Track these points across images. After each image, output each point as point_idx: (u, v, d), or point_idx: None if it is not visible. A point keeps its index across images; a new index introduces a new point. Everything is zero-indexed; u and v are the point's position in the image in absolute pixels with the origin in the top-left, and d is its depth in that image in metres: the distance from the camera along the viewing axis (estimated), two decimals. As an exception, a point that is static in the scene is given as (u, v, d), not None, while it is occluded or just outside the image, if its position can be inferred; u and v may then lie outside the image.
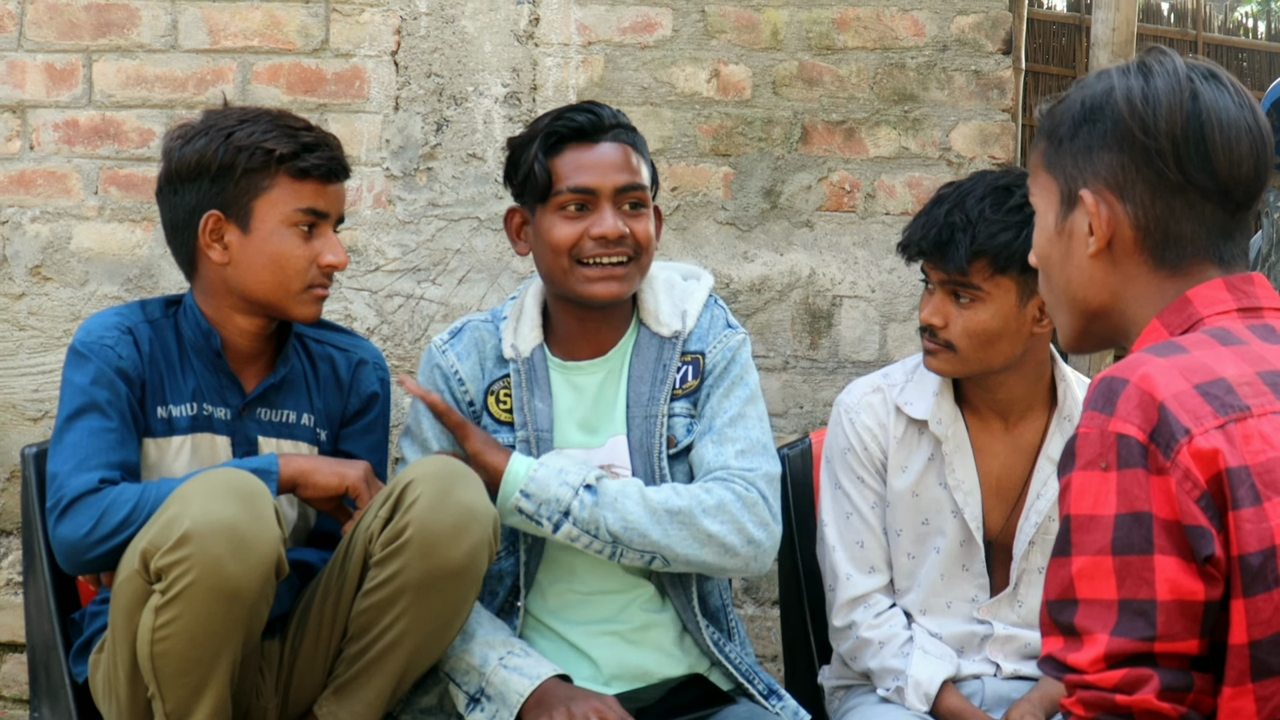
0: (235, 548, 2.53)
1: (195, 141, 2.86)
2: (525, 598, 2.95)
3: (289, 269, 2.86)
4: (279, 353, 2.98)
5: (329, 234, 2.91)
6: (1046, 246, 2.02)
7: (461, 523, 2.69)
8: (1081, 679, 1.77)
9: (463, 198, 4.16)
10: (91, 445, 2.77)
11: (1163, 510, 1.73)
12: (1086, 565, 1.77)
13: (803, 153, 4.16)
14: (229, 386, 2.92)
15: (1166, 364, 1.79)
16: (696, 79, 4.16)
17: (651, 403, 2.95)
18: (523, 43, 4.17)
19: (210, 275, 2.90)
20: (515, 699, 2.78)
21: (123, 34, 4.18)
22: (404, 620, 2.72)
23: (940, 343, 2.96)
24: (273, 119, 2.89)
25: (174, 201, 2.89)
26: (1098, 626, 1.76)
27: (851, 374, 4.03)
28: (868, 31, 4.16)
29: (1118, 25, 4.47)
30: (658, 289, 3.04)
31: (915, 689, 2.96)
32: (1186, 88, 1.89)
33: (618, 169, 2.94)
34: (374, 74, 4.17)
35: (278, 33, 4.18)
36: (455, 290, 4.16)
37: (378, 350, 3.15)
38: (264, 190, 2.84)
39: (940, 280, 2.96)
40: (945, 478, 3.03)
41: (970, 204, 2.93)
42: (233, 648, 2.61)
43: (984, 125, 4.16)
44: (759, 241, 4.16)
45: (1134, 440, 1.75)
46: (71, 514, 2.72)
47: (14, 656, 4.19)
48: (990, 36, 4.16)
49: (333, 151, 2.90)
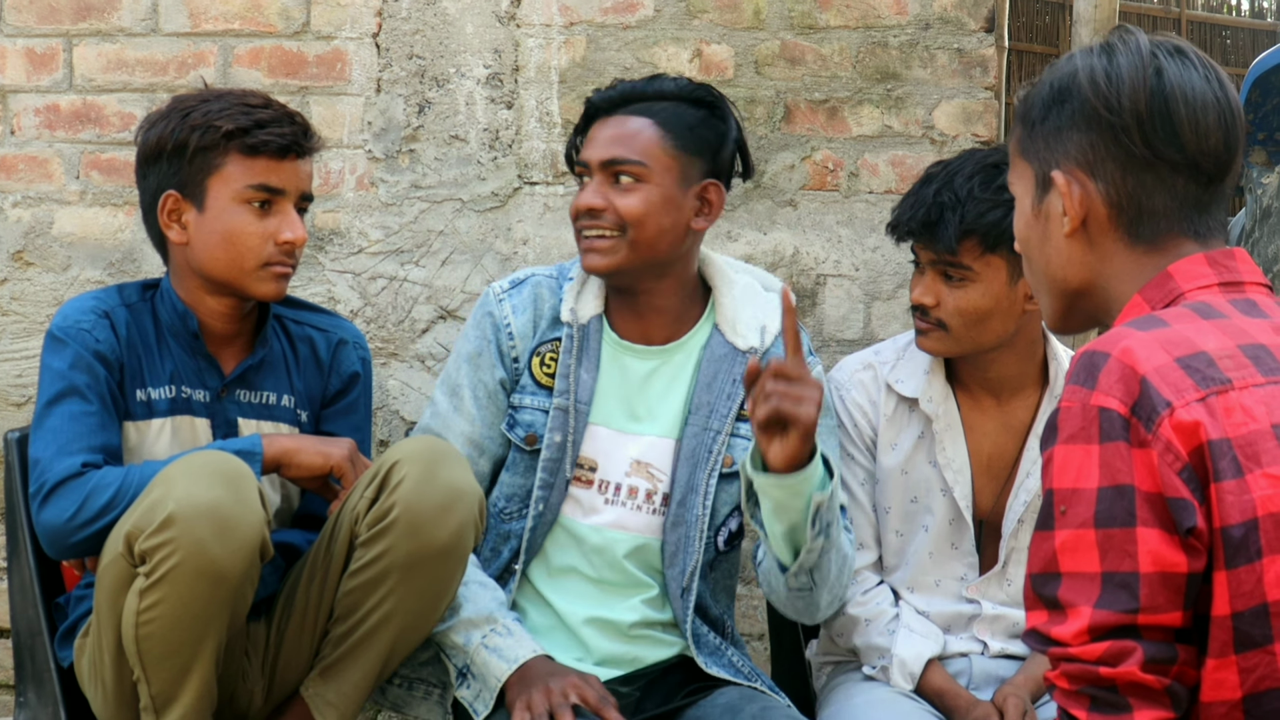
0: (219, 530, 2.53)
1: (158, 125, 2.88)
2: (525, 563, 2.94)
3: (242, 246, 2.85)
4: (257, 334, 2.98)
5: (287, 210, 2.89)
6: (1026, 230, 2.03)
7: (448, 502, 2.69)
8: (1065, 651, 1.78)
9: (445, 179, 4.15)
10: (72, 429, 2.77)
11: (1145, 483, 1.74)
12: (1069, 539, 1.78)
13: (785, 132, 4.16)
14: (207, 369, 2.92)
15: (1147, 337, 1.80)
16: (679, 59, 4.16)
17: (714, 415, 2.93)
18: (504, 24, 4.16)
19: (176, 256, 2.92)
20: (495, 682, 2.79)
21: (103, 18, 4.17)
22: (390, 600, 2.72)
23: (932, 321, 2.96)
24: (235, 98, 2.90)
25: (143, 185, 2.92)
26: (1081, 599, 1.77)
27: (836, 353, 4.04)
28: (850, 10, 4.16)
29: (1100, 3, 4.47)
30: (737, 294, 3.01)
31: (900, 668, 2.96)
32: (1150, 64, 1.91)
33: (610, 142, 2.92)
34: (355, 56, 4.16)
35: (258, 16, 4.17)
36: (439, 272, 4.15)
37: (358, 330, 3.14)
38: (216, 168, 2.85)
39: (930, 260, 2.96)
40: (935, 456, 3.03)
41: (959, 183, 2.93)
42: (218, 630, 2.61)
43: (967, 104, 4.16)
44: (742, 221, 4.16)
45: (1115, 413, 1.76)
46: (55, 499, 2.72)
47: (0, 641, 4.19)
48: (973, 15, 4.16)
49: (289, 127, 2.89)
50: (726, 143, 2.97)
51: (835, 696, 3.05)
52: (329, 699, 2.80)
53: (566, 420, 2.91)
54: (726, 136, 2.97)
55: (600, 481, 2.94)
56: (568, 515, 2.94)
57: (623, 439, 2.95)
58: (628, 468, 2.94)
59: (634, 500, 2.93)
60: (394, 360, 4.14)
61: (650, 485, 2.94)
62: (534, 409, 2.94)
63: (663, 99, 2.96)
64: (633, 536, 2.94)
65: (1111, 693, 1.77)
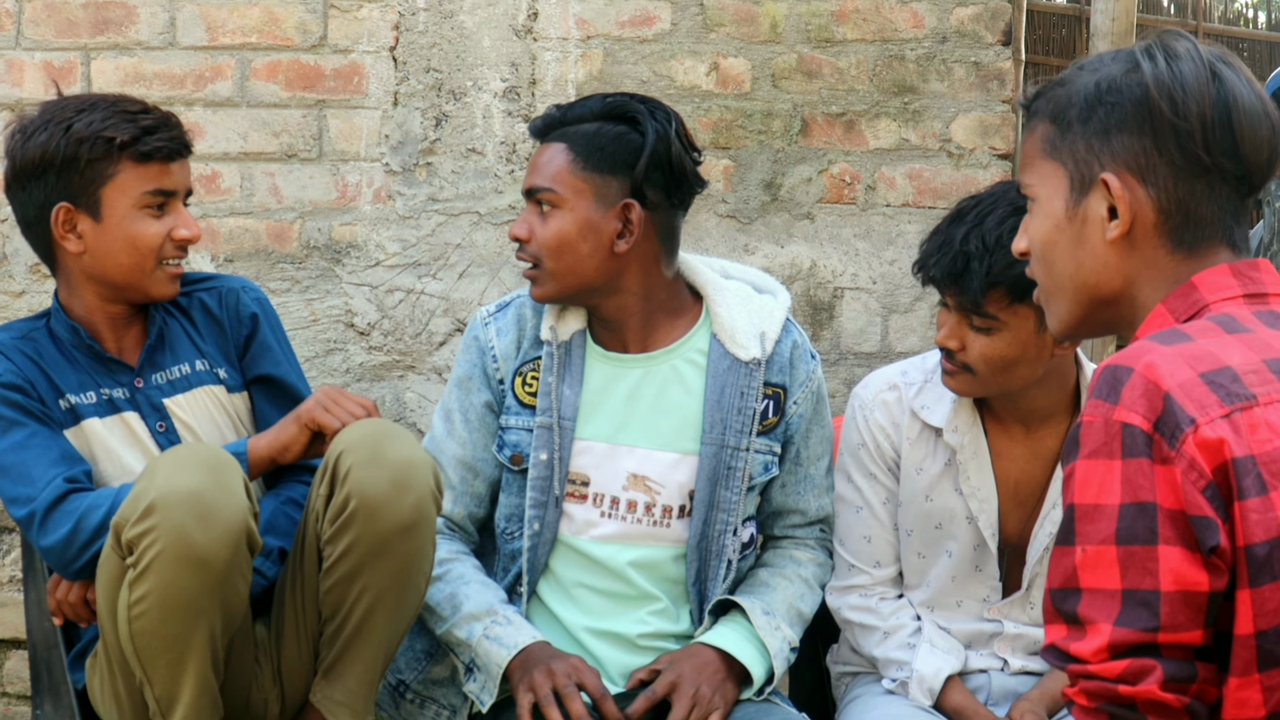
0: (200, 515, 2.53)
1: (36, 137, 2.87)
2: (531, 582, 2.95)
3: (144, 249, 2.88)
4: (149, 318, 3.01)
5: (179, 209, 2.93)
6: (1052, 233, 1.97)
7: (400, 479, 2.70)
8: (1084, 669, 1.76)
9: (462, 192, 4.16)
10: (28, 456, 2.80)
11: (1167, 500, 1.72)
12: (1090, 555, 1.76)
13: (803, 145, 4.16)
14: (117, 369, 2.95)
15: (1171, 352, 1.78)
16: (696, 72, 4.16)
17: (729, 431, 2.92)
18: (521, 37, 4.16)
19: (69, 266, 2.92)
20: (496, 670, 2.81)
21: (121, 31, 4.18)
22: (371, 590, 2.73)
23: (958, 365, 2.86)
24: (110, 105, 2.90)
25: (23, 198, 2.91)
26: (1101, 616, 1.75)
27: (854, 365, 4.03)
28: (867, 23, 4.16)
29: (1117, 15, 4.47)
30: (730, 300, 2.98)
31: (919, 683, 2.95)
32: (1208, 70, 1.88)
33: (530, 171, 2.93)
34: (373, 69, 4.17)
35: (276, 29, 4.18)
36: (456, 285, 4.15)
37: (246, 280, 3.17)
38: (110, 178, 2.86)
39: (958, 304, 2.84)
40: (960, 484, 2.98)
41: (989, 227, 2.80)
42: (208, 620, 2.60)
43: (984, 116, 4.16)
44: (760, 234, 4.15)
45: (1138, 429, 1.74)
46: (49, 525, 2.74)
47: (17, 653, 4.19)
48: (990, 28, 4.15)
49: (173, 131, 2.91)
50: (641, 157, 2.86)
51: (854, 709, 3.03)
52: (338, 699, 2.80)
53: (551, 438, 2.91)
54: (641, 150, 2.86)
55: (595, 495, 2.94)
56: (565, 532, 2.95)
57: (615, 452, 2.94)
58: (624, 481, 2.94)
59: (634, 514, 2.93)
60: (411, 373, 4.15)
61: (649, 499, 2.94)
62: (518, 429, 2.95)
63: (582, 121, 2.90)
64: (637, 548, 2.94)
65: (1130, 710, 1.75)
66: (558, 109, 2.93)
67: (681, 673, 2.84)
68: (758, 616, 2.92)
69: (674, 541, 2.96)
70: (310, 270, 4.17)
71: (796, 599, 2.99)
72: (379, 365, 4.17)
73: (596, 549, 2.94)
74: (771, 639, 2.92)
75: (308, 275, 4.17)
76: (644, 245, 2.90)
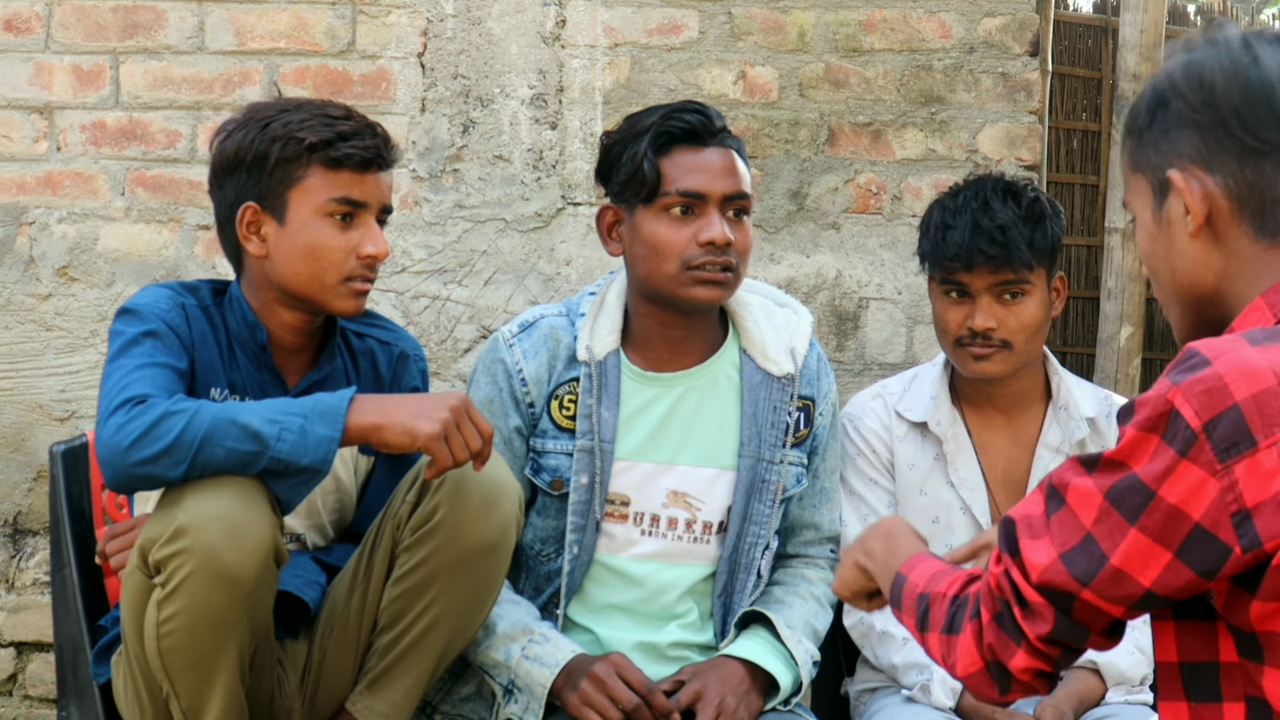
0: (230, 534, 2.50)
1: (235, 135, 2.81)
2: (565, 606, 2.94)
3: (324, 260, 2.78)
4: (323, 348, 2.93)
5: (369, 224, 2.82)
6: (1149, 244, 1.96)
7: (490, 498, 2.68)
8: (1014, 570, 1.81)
9: (489, 199, 4.16)
10: (150, 372, 2.65)
11: (1175, 496, 1.70)
12: (1087, 486, 1.76)
13: (829, 155, 4.15)
14: (271, 381, 2.86)
15: (1257, 354, 1.72)
16: (723, 80, 4.16)
17: (764, 445, 2.93)
18: (549, 44, 4.17)
19: (253, 269, 2.84)
20: (540, 690, 2.80)
21: (149, 35, 4.19)
22: (438, 604, 2.71)
23: (996, 344, 3.02)
24: (314, 108, 2.84)
25: (219, 196, 2.85)
26: (1059, 540, 1.77)
27: (878, 375, 4.02)
28: (894, 33, 4.15)
29: (1145, 27, 4.46)
30: (758, 315, 2.99)
31: (941, 684, 2.97)
32: (1245, 54, 1.85)
33: (727, 174, 2.87)
34: (400, 75, 4.17)
35: (304, 34, 4.19)
36: (481, 292, 4.16)
37: (417, 342, 3.09)
38: (298, 180, 2.78)
39: (990, 284, 3.01)
40: (950, 476, 3.10)
41: (997, 205, 3.01)
42: (238, 636, 2.58)
43: (1011, 127, 4.15)
44: (785, 243, 4.15)
45: (1185, 423, 1.70)
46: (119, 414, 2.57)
47: (41, 656, 4.20)
48: (1017, 38, 4.15)
49: (371, 140, 2.83)
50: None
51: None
52: (380, 710, 2.77)
53: (592, 461, 2.89)
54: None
55: (635, 514, 2.94)
56: (603, 551, 2.94)
57: (656, 470, 2.94)
58: (664, 499, 2.94)
59: (674, 531, 2.94)
60: (436, 379, 4.15)
61: (689, 515, 2.94)
62: (558, 453, 2.92)
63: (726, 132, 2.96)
64: (676, 565, 2.94)
65: (1015, 627, 1.81)
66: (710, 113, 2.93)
67: (707, 683, 2.83)
68: (783, 629, 2.92)
69: (711, 559, 2.96)
70: (336, 275, 4.18)
71: (811, 616, 3.00)
72: (404, 371, 4.17)
73: (634, 567, 2.94)
74: (798, 650, 2.92)
75: (334, 280, 4.18)
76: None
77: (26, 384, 4.20)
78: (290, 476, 2.57)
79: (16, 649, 4.25)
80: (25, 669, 4.25)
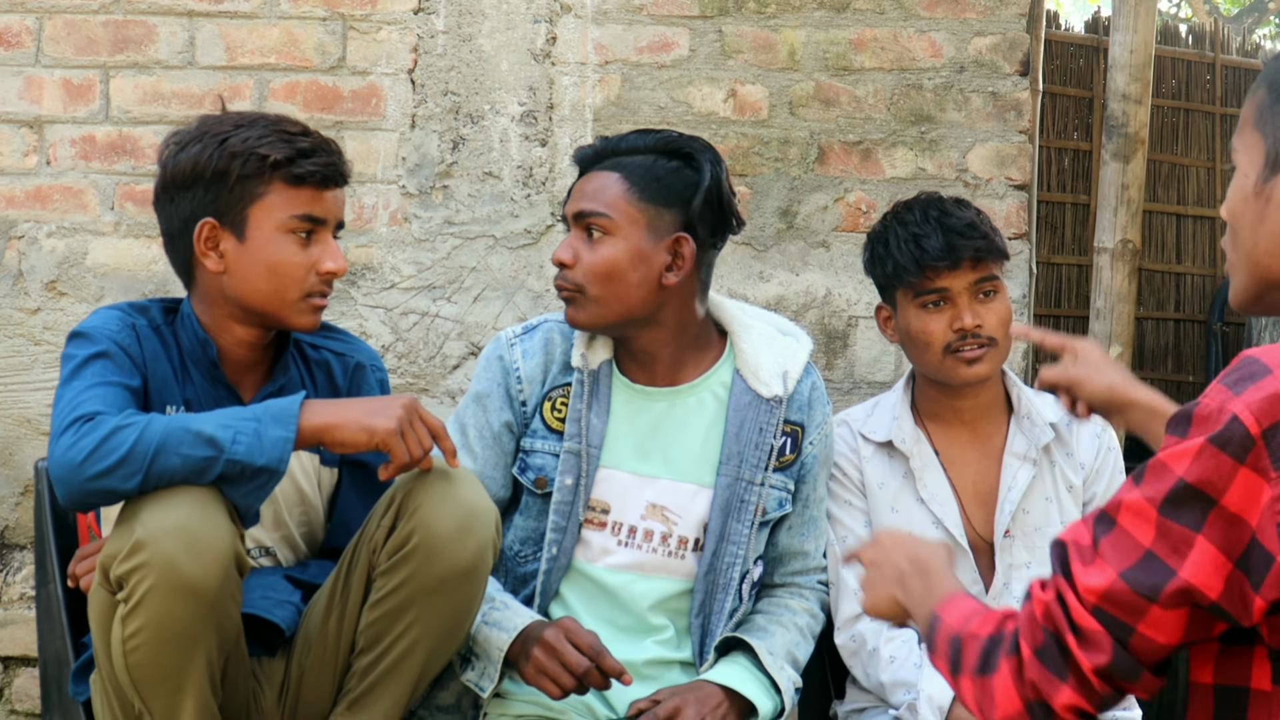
0: (189, 546, 2.49)
1: (190, 148, 2.80)
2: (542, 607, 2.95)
3: (286, 277, 2.79)
4: (277, 360, 2.93)
5: (328, 240, 2.84)
6: (1241, 204, 1.87)
7: (465, 522, 2.68)
8: (1066, 594, 1.73)
9: (479, 216, 4.16)
10: (102, 390, 2.65)
11: (1235, 504, 1.65)
12: (1139, 502, 1.70)
13: (819, 173, 4.16)
14: (226, 397, 2.86)
15: None
16: (713, 99, 4.16)
17: (745, 465, 2.94)
18: (540, 61, 4.17)
19: (207, 284, 2.84)
20: (497, 654, 2.82)
21: (140, 50, 4.19)
22: (416, 627, 2.71)
23: (985, 341, 3.08)
24: (269, 124, 2.83)
25: (170, 210, 2.83)
26: (1115, 560, 1.71)
27: (868, 394, 4.02)
28: (885, 52, 4.16)
29: (1135, 47, 4.47)
30: (756, 339, 3.01)
31: (928, 703, 2.97)
32: None
33: (580, 196, 2.94)
34: (390, 92, 4.18)
35: (295, 50, 4.19)
36: (470, 308, 4.16)
37: (374, 351, 3.09)
38: (259, 197, 2.78)
39: (972, 282, 3.08)
40: (920, 493, 3.13)
41: (954, 209, 3.12)
42: (205, 648, 2.57)
43: (1001, 147, 4.15)
44: (775, 262, 4.15)
45: (1244, 428, 1.65)
46: (69, 433, 2.56)
47: (28, 670, 4.19)
48: (1007, 58, 4.15)
49: (330, 157, 2.84)
50: (698, 193, 2.90)
51: (864, 742, 3.06)
52: None
53: (578, 464, 2.92)
54: (698, 187, 2.90)
55: (614, 524, 2.95)
56: (580, 558, 2.96)
57: (637, 482, 2.95)
58: (643, 511, 2.96)
59: (649, 543, 2.95)
60: (424, 396, 4.15)
61: (666, 529, 2.95)
62: (545, 453, 2.95)
63: (636, 153, 2.92)
64: (650, 578, 2.96)
65: (1062, 660, 1.73)
66: (608, 139, 2.96)
67: (685, 701, 2.83)
68: (765, 656, 2.92)
69: (686, 575, 2.97)
70: (325, 291, 4.17)
71: (793, 646, 3.01)
72: (393, 388, 4.16)
73: (610, 577, 2.95)
74: (781, 676, 2.92)
75: (323, 296, 4.17)
76: (687, 280, 2.94)
77: (14, 398, 4.19)
78: (247, 481, 2.57)
79: (3, 663, 4.24)
80: (11, 683, 4.24)
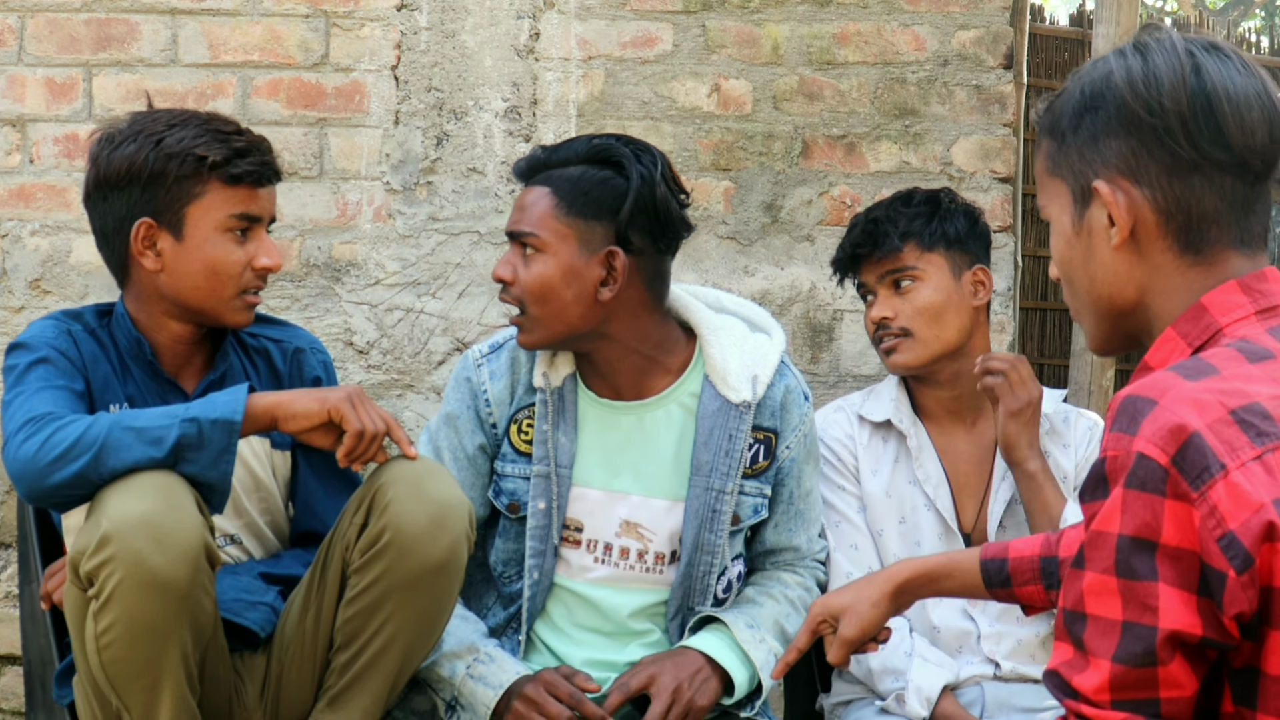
0: (155, 539, 2.49)
1: (124, 147, 2.81)
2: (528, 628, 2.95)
3: (224, 274, 2.83)
4: (215, 351, 2.95)
5: (263, 236, 2.88)
6: (1066, 250, 1.93)
7: (438, 518, 2.68)
8: (1080, 708, 1.72)
9: (463, 212, 4.16)
10: (49, 394, 2.68)
11: (1173, 538, 1.66)
12: (1094, 581, 1.71)
13: (803, 167, 4.16)
14: (169, 390, 2.88)
15: (1199, 387, 1.70)
16: (697, 93, 4.16)
17: (715, 474, 2.90)
18: (523, 57, 4.17)
19: (143, 282, 2.87)
20: (484, 710, 2.80)
21: (123, 48, 4.18)
22: (392, 624, 2.71)
23: (896, 333, 3.13)
24: (203, 123, 2.85)
25: (104, 208, 2.85)
26: (1102, 649, 1.70)
27: (853, 387, 4.03)
28: (868, 46, 4.16)
29: (1118, 40, 4.47)
30: (724, 340, 2.94)
31: (916, 694, 2.98)
32: (1188, 62, 1.81)
33: (514, 213, 2.92)
34: (374, 88, 4.17)
35: (278, 47, 4.18)
36: (455, 304, 4.15)
37: (314, 337, 3.11)
38: (197, 197, 2.81)
39: (879, 276, 3.16)
40: (914, 474, 3.16)
41: (880, 209, 3.19)
42: (179, 641, 2.56)
43: (985, 140, 4.16)
44: (760, 256, 4.15)
45: (1155, 463, 1.67)
46: (19, 435, 2.60)
47: (13, 669, 4.19)
48: (991, 51, 4.16)
49: (264, 156, 2.87)
50: (625, 203, 2.81)
51: (852, 733, 3.06)
52: None
53: (549, 486, 2.90)
54: (626, 195, 2.81)
55: (589, 541, 2.94)
56: (561, 574, 2.95)
57: (609, 499, 2.93)
58: (617, 528, 2.93)
59: (626, 561, 2.94)
60: (409, 392, 4.14)
61: (641, 545, 2.94)
62: (515, 477, 2.93)
63: (566, 164, 2.85)
64: (629, 591, 2.95)
65: None
66: (542, 150, 2.90)
67: (662, 668, 2.83)
68: (740, 630, 2.90)
69: (665, 584, 2.97)
70: (310, 289, 4.17)
71: (782, 617, 2.98)
72: (378, 384, 4.16)
73: (591, 590, 2.95)
74: (756, 651, 2.90)
75: (307, 293, 4.17)
76: (630, 292, 2.86)
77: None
78: (207, 444, 2.57)
79: (-11, 663, 4.24)
80: (-2, 683, 4.24)
